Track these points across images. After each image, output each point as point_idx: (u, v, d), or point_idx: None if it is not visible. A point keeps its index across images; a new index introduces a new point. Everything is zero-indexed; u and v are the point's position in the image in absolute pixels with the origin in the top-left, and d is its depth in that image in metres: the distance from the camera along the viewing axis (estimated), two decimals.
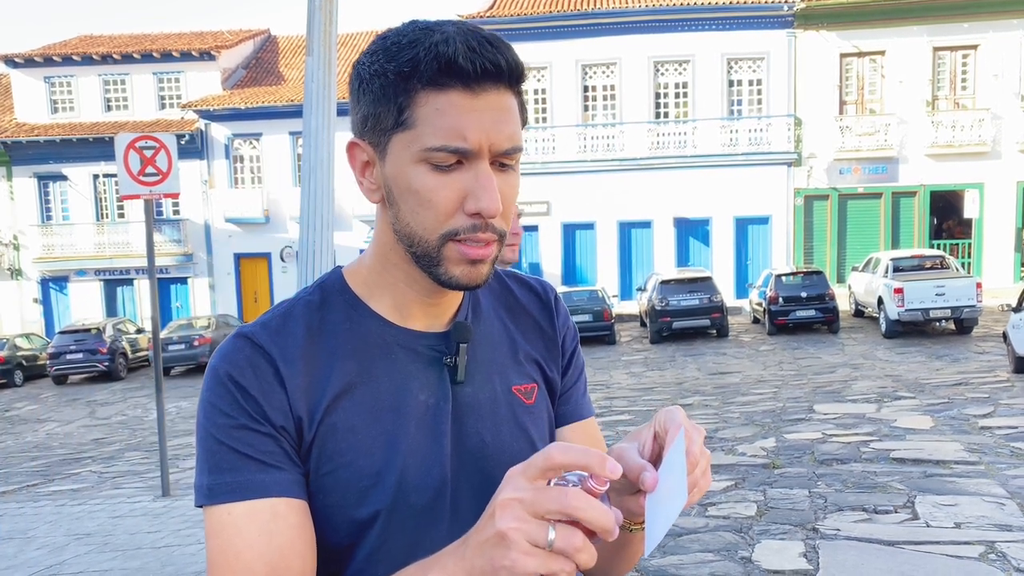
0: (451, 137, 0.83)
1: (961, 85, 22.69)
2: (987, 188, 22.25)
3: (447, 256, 0.87)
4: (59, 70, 26.06)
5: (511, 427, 0.96)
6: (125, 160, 6.98)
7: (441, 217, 0.86)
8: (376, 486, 0.87)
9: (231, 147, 25.26)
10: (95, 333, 20.39)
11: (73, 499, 7.88)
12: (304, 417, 0.87)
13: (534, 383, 1.00)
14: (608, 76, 23.79)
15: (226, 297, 25.72)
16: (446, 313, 0.98)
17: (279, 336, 0.89)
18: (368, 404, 0.90)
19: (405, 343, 0.94)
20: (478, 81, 0.83)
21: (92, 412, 16.51)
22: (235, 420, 0.85)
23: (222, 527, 0.83)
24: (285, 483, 0.84)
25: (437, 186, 0.85)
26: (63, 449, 12.54)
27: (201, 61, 25.93)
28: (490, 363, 0.98)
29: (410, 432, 0.90)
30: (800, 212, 23.18)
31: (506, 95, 0.86)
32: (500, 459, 0.93)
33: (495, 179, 0.85)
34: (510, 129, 0.86)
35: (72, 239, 25.56)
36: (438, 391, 0.93)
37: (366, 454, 0.88)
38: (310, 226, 4.19)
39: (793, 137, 22.85)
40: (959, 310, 15.42)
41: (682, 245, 23.86)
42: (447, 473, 0.91)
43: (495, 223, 0.87)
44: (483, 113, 0.84)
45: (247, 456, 0.84)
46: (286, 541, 0.83)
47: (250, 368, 0.86)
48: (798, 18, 22.56)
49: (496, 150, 0.85)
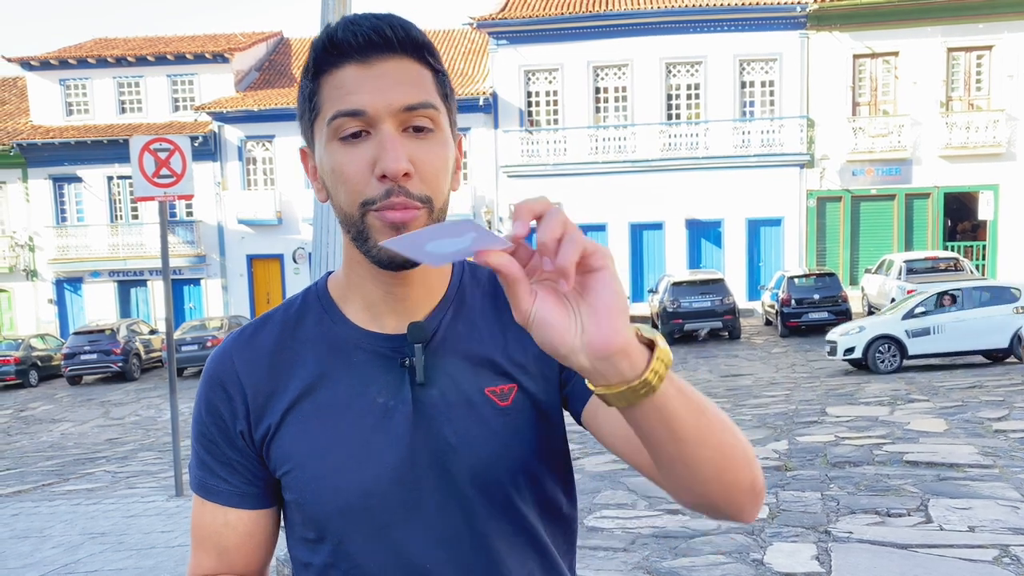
0: (347, 102, 0.86)
1: (976, 86, 22.54)
2: (1002, 189, 22.08)
3: (370, 226, 0.87)
4: (74, 72, 26.25)
5: (480, 428, 0.93)
6: (140, 162, 7.03)
7: (355, 187, 0.87)
8: (327, 487, 0.92)
9: (244, 149, 25.38)
10: (109, 334, 20.54)
11: (88, 498, 7.94)
12: (264, 420, 0.95)
13: (513, 384, 0.96)
14: (620, 78, 23.76)
15: (239, 298, 25.84)
16: (420, 311, 0.96)
17: (250, 344, 0.98)
18: (325, 407, 0.93)
19: (368, 346, 0.95)
20: (367, 52, 0.86)
21: (106, 412, 16.63)
22: (206, 432, 0.98)
23: (197, 508, 1.01)
24: (235, 496, 0.98)
25: (347, 159, 0.87)
26: (78, 449, 12.64)
27: (214, 63, 26.07)
28: (460, 363, 0.95)
29: (365, 434, 0.92)
30: (813, 214, 23.08)
31: (406, 63, 0.88)
32: (467, 460, 0.92)
33: (401, 141, 0.86)
34: (411, 89, 0.87)
35: (86, 240, 25.73)
36: (397, 393, 0.93)
37: (319, 456, 0.92)
38: (323, 228, 4.22)
39: (806, 138, 22.76)
40: None
41: (694, 247, 23.80)
42: (404, 475, 0.91)
43: (412, 188, 0.86)
44: (378, 79, 0.86)
45: (208, 465, 0.98)
46: (232, 545, 0.99)
47: (220, 387, 0.97)
48: (811, 19, 22.47)
49: (395, 108, 0.86)
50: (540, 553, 0.97)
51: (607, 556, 4.85)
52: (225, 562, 0.99)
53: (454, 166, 0.93)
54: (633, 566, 4.69)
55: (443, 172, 0.90)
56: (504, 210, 23.94)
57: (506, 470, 0.93)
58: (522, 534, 0.95)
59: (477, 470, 0.92)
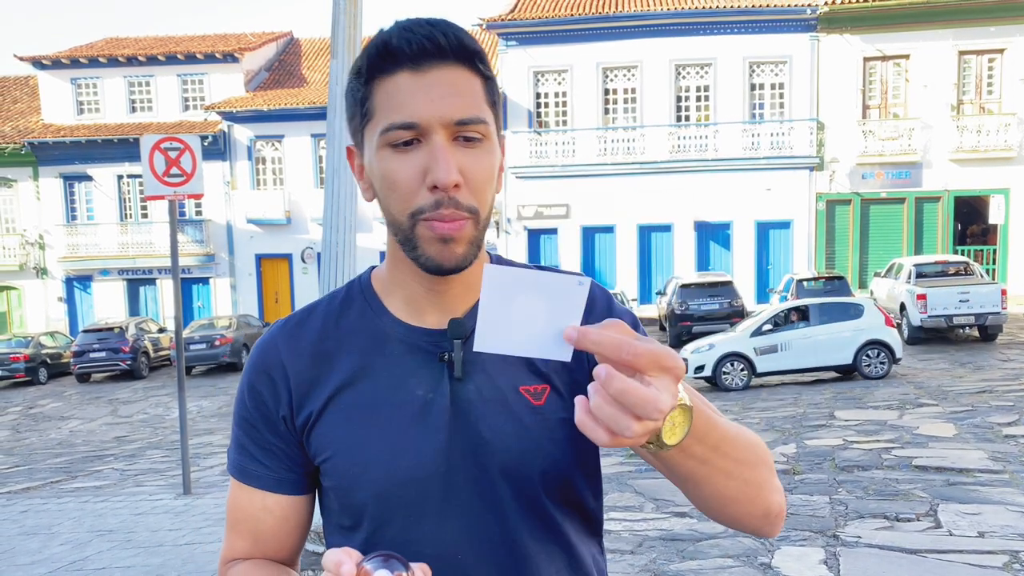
0: (400, 113, 0.87)
1: (987, 89, 22.43)
2: (1013, 193, 21.96)
3: (420, 236, 0.90)
4: (85, 72, 26.38)
5: (515, 425, 0.95)
6: (150, 161, 7.06)
7: (406, 195, 0.89)
8: (365, 475, 0.93)
9: (253, 149, 25.45)
10: (118, 332, 20.62)
11: (96, 496, 7.97)
12: (306, 407, 0.97)
13: (546, 384, 0.98)
14: (629, 79, 23.74)
15: (247, 297, 25.91)
16: (460, 307, 0.98)
17: (295, 333, 1.00)
18: (366, 397, 0.96)
19: (409, 339, 0.98)
20: (420, 60, 0.87)
21: (115, 410, 16.69)
22: (248, 416, 1.00)
23: (234, 491, 1.03)
24: (273, 481, 1.00)
25: (398, 166, 0.89)
26: (86, 446, 12.69)
27: (224, 63, 26.16)
28: (498, 361, 0.97)
29: (403, 425, 0.94)
30: (822, 217, 23.01)
31: (457, 71, 0.89)
32: (500, 455, 0.94)
33: (452, 151, 0.88)
34: (462, 101, 0.88)
35: (96, 239, 25.85)
36: (436, 387, 0.95)
37: (357, 444, 0.94)
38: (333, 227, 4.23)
39: (815, 141, 22.69)
40: (983, 317, 15.25)
41: (702, 249, 23.75)
42: (439, 467, 0.93)
43: (461, 198, 0.88)
44: (430, 88, 0.87)
45: (248, 450, 1.00)
46: (267, 529, 1.01)
47: (265, 373, 0.99)
48: (821, 21, 22.40)
49: (447, 121, 0.87)
50: (568, 553, 0.99)
51: (614, 558, 4.85)
52: (259, 547, 1.01)
53: (499, 170, 0.96)
54: (640, 569, 4.68)
55: (490, 182, 0.92)
56: (512, 211, 23.94)
57: (537, 468, 0.95)
58: (551, 532, 0.97)
59: (509, 466, 0.94)
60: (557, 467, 0.96)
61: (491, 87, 0.93)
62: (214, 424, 13.96)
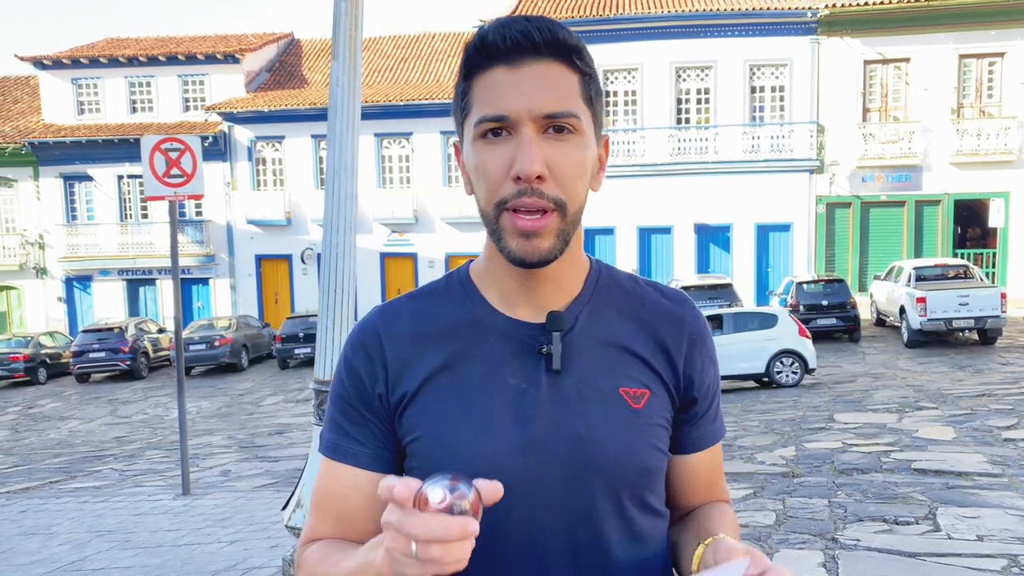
0: (492, 106, 0.90)
1: (987, 93, 22.44)
2: (1013, 197, 21.97)
3: (503, 227, 0.92)
4: (86, 72, 26.39)
5: (612, 426, 0.96)
6: (151, 161, 7.06)
7: (492, 186, 0.91)
8: (451, 458, 0.94)
9: (254, 149, 25.46)
10: (117, 332, 20.63)
11: (95, 496, 7.97)
12: (400, 388, 0.98)
13: (645, 389, 0.99)
14: (629, 81, 23.75)
15: (247, 298, 25.91)
16: (553, 304, 1.00)
17: (394, 315, 1.03)
18: (460, 382, 0.97)
19: (505, 330, 0.99)
20: (514, 56, 0.90)
21: (114, 410, 16.69)
22: (344, 394, 1.01)
23: (323, 472, 1.03)
24: (367, 458, 0.99)
25: (488, 157, 0.91)
26: (85, 447, 12.69)
27: (225, 64, 26.17)
28: (597, 359, 0.99)
29: (494, 413, 0.95)
30: (822, 219, 23.01)
31: (552, 66, 0.91)
32: (594, 454, 0.94)
33: (538, 144, 0.89)
34: (553, 94, 0.90)
35: (96, 239, 25.84)
36: (530, 378, 0.97)
37: (447, 428, 0.96)
38: (334, 228, 4.21)
39: (815, 144, 22.70)
40: (983, 320, 15.25)
41: (702, 251, 23.75)
42: (529, 456, 0.94)
43: (546, 190, 0.90)
44: (523, 83, 0.90)
45: (343, 428, 1.01)
46: (353, 509, 1.00)
47: (363, 350, 1.01)
48: (822, 24, 22.42)
49: (536, 114, 0.89)
50: (644, 555, 1.00)
51: None
52: (341, 528, 1.01)
53: (596, 167, 0.98)
54: None
55: (580, 175, 0.93)
56: None
57: (630, 470, 0.96)
58: (632, 534, 0.98)
59: (602, 465, 0.95)
60: (649, 472, 0.98)
61: (588, 83, 0.94)
62: (213, 425, 13.96)
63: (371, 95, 24.78)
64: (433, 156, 24.72)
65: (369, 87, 25.83)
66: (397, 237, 25.02)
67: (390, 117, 24.37)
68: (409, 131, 24.67)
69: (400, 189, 24.96)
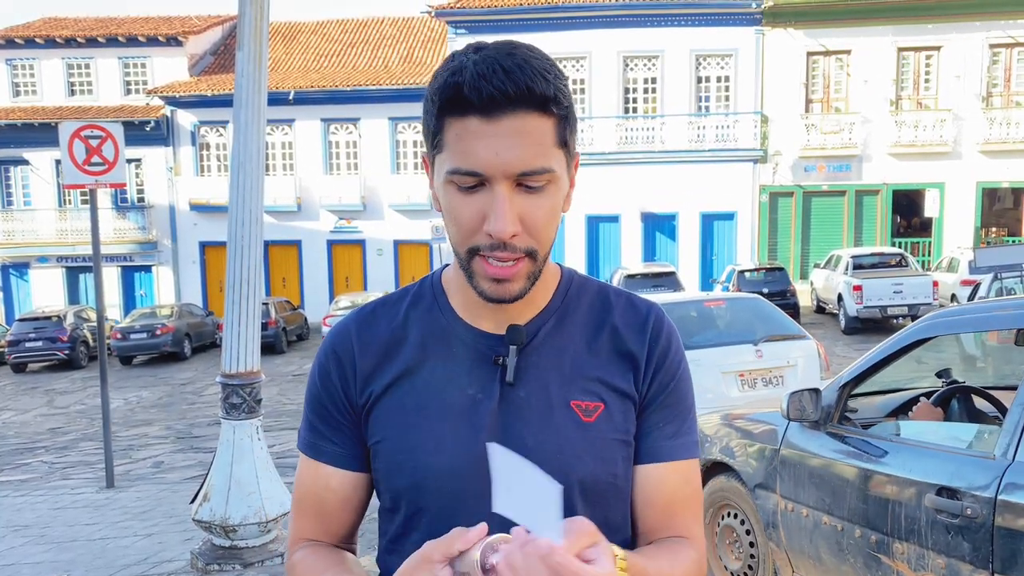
0: (466, 161, 0.90)
1: (924, 85, 22.99)
2: (948, 188, 22.59)
3: (475, 270, 0.94)
4: (21, 52, 25.63)
5: (557, 437, 0.98)
6: (70, 149, 6.92)
7: (465, 233, 0.93)
8: (407, 462, 0.99)
9: (197, 134, 24.98)
10: (55, 321, 20.12)
11: (17, 490, 7.82)
12: (368, 389, 1.03)
13: (600, 403, 1.00)
14: (577, 70, 23.81)
15: (191, 286, 25.48)
16: (518, 316, 1.02)
17: (368, 321, 1.07)
18: (419, 389, 1.01)
19: (467, 339, 1.02)
20: (491, 109, 0.88)
21: (50, 401, 16.32)
22: (316, 393, 1.06)
23: (301, 469, 1.09)
24: (340, 456, 1.05)
25: (460, 205, 0.92)
26: (17, 439, 12.39)
27: (168, 47, 25.60)
28: (552, 372, 1.00)
29: (449, 420, 0.98)
30: (765, 209, 23.40)
31: (528, 118, 0.89)
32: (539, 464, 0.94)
33: (511, 201, 0.90)
34: (528, 152, 0.90)
35: (33, 225, 25.16)
36: (485, 388, 0.99)
37: (405, 432, 0.99)
38: (239, 221, 4.19)
39: (759, 134, 23.03)
40: (916, 308, 15.66)
41: (649, 240, 23.99)
42: (479, 465, 0.93)
43: (518, 243, 0.92)
44: (498, 139, 0.89)
45: (317, 429, 1.06)
46: (332, 506, 1.07)
47: (335, 356, 1.05)
48: (766, 16, 22.72)
49: (510, 172, 0.89)
50: None
51: None
52: (324, 525, 1.07)
53: (567, 191, 0.99)
54: None
55: (552, 221, 0.96)
56: None
57: (576, 482, 0.97)
58: None
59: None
60: (596, 484, 0.98)
61: (564, 124, 0.93)
62: (153, 415, 13.74)
63: (318, 80, 24.46)
64: (381, 142, 24.52)
65: (316, 72, 25.50)
66: (344, 224, 24.80)
67: (337, 103, 24.11)
68: (356, 116, 24.42)
69: (347, 175, 24.72)
